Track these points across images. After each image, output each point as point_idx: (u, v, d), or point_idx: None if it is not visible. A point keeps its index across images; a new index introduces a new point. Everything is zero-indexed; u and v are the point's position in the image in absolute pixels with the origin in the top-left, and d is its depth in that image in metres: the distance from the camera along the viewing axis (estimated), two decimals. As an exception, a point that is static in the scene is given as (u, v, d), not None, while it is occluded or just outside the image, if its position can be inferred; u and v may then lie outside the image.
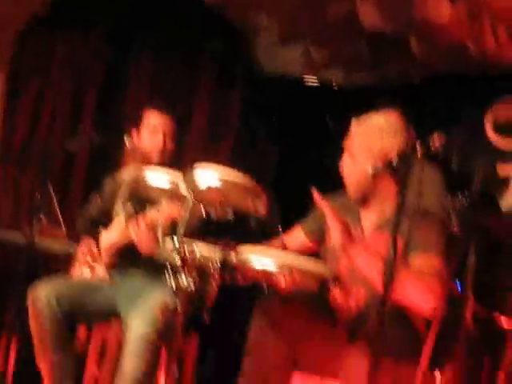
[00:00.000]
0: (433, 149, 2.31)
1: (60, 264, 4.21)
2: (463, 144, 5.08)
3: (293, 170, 5.33)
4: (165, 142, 3.73)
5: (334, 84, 5.40)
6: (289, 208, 3.75)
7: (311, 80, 5.53)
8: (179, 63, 5.56)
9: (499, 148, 5.08)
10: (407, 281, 2.68)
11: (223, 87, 5.65)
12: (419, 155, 2.34)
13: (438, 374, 2.75)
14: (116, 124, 4.53)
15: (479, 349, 4.16)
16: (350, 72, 5.40)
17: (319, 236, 3.16)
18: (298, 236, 3.26)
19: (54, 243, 4.27)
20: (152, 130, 3.73)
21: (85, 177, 5.17)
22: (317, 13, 4.92)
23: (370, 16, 4.56)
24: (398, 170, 2.41)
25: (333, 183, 3.09)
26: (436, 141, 2.31)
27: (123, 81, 5.40)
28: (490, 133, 5.12)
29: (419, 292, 2.67)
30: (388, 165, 2.49)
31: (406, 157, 2.38)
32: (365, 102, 4.30)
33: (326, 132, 5.20)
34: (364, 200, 3.02)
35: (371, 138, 2.92)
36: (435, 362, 2.78)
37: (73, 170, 5.20)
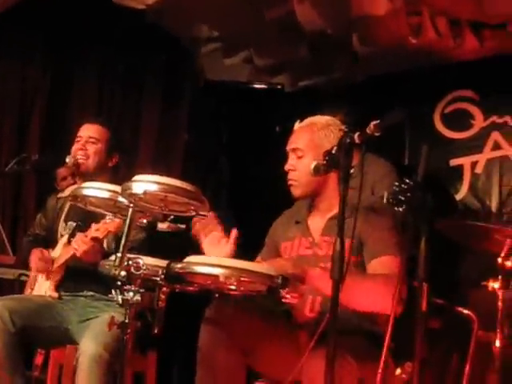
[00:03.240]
0: (369, 133, 2.30)
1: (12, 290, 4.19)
2: (414, 138, 5.08)
3: (245, 178, 5.28)
4: (100, 153, 3.66)
5: (280, 88, 5.36)
6: (242, 214, 3.69)
7: (257, 86, 5.49)
8: (124, 78, 5.52)
9: (450, 141, 5.08)
10: (362, 285, 2.71)
11: (169, 99, 5.62)
12: (358, 142, 2.34)
13: (400, 370, 2.68)
14: (63, 143, 4.45)
15: (446, 345, 4.14)
16: (296, 76, 5.37)
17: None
18: None
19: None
20: (85, 143, 3.66)
21: (35, 200, 5.08)
22: (257, 19, 4.89)
23: (308, 16, 4.54)
24: (339, 163, 2.36)
25: (285, 189, 3.06)
26: (372, 128, 2.32)
27: (68, 99, 5.34)
28: (440, 126, 5.12)
29: (376, 296, 2.69)
30: (330, 159, 2.44)
31: (345, 149, 2.34)
32: (312, 104, 4.31)
33: (275, 137, 5.17)
34: (311, 199, 3.03)
35: (313, 137, 2.95)
36: (398, 359, 2.75)
37: (22, 193, 5.12)
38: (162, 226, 3.06)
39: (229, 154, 5.43)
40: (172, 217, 2.90)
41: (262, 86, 5.48)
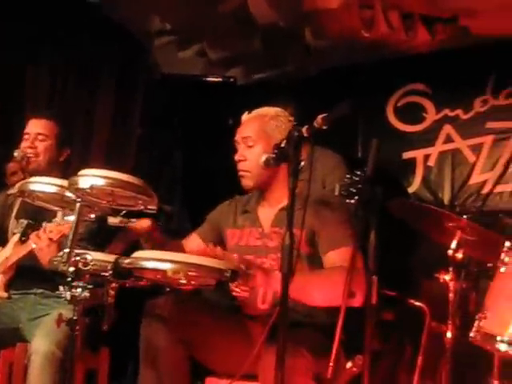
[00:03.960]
0: (317, 126, 2.31)
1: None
2: (366, 131, 5.10)
3: (198, 171, 5.26)
4: (50, 150, 3.59)
5: (233, 81, 5.33)
6: (195, 208, 3.66)
7: (211, 79, 5.46)
8: (78, 71, 5.44)
9: (403, 134, 5.11)
10: (316, 278, 2.73)
11: (124, 93, 5.54)
12: (307, 135, 2.33)
13: (351, 363, 2.68)
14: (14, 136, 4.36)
15: (399, 336, 4.17)
16: (249, 68, 5.36)
17: (216, 241, 3.07)
18: (196, 242, 3.19)
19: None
20: (33, 140, 3.58)
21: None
22: (209, 12, 4.86)
23: (260, 9, 4.53)
24: (288, 155, 2.35)
25: (238, 182, 3.05)
26: (319, 121, 2.32)
27: (19, 90, 5.23)
28: (393, 119, 5.14)
29: (330, 288, 2.66)
30: (280, 153, 2.43)
31: (294, 142, 2.34)
32: (264, 97, 4.29)
33: (229, 130, 5.14)
34: (261, 191, 3.03)
35: (264, 126, 2.95)
36: (350, 352, 2.76)
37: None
38: (114, 221, 3.03)
39: (182, 147, 5.40)
40: (124, 211, 2.87)
41: (216, 79, 5.45)
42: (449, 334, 3.12)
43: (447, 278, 3.16)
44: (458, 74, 4.84)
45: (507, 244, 2.60)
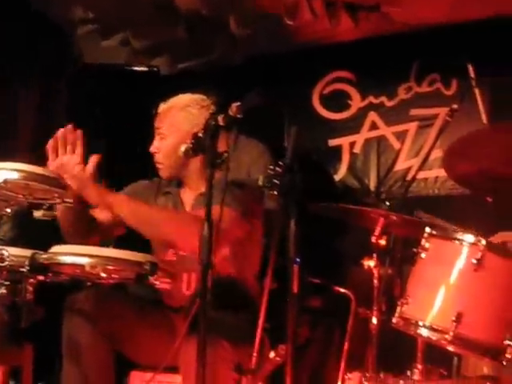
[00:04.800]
0: (232, 115, 2.31)
1: None
2: (292, 120, 5.09)
3: (121, 161, 5.17)
4: None
5: (156, 71, 5.26)
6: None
7: (134, 68, 5.38)
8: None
9: (328, 121, 5.12)
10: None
11: (48, 83, 5.43)
12: (223, 124, 2.31)
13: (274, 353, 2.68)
14: None
15: (328, 323, 4.19)
16: (174, 58, 5.29)
17: None
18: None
19: None
20: None
21: None
22: (132, 0, 4.78)
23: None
24: (204, 145, 2.33)
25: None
26: (234, 109, 2.33)
27: None
28: (319, 107, 5.15)
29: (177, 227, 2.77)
30: (197, 142, 2.41)
31: (211, 131, 2.32)
32: (189, 86, 4.24)
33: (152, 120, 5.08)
34: (180, 179, 3.06)
35: (172, 119, 2.99)
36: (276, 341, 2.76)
37: None
38: (37, 214, 2.97)
39: (105, 137, 5.30)
40: (48, 204, 2.80)
41: (139, 69, 5.36)
42: (374, 320, 3.13)
43: (371, 264, 3.18)
44: (382, 61, 4.86)
45: (427, 230, 2.61)
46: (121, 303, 2.82)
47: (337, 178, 4.98)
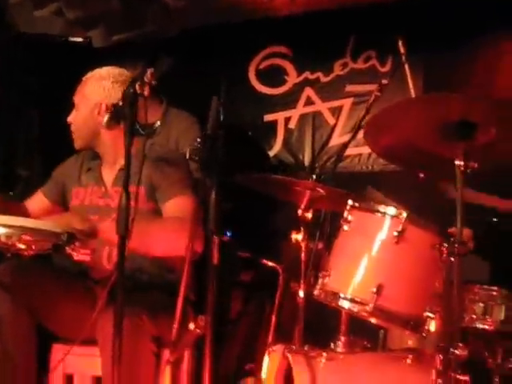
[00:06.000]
0: (147, 82, 2.29)
1: None
2: (228, 94, 5.04)
3: (56, 132, 5.09)
4: None
5: (89, 42, 5.18)
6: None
7: (67, 39, 5.28)
8: None
9: (264, 96, 5.11)
10: (154, 229, 2.76)
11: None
12: (140, 92, 2.29)
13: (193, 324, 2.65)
14: None
15: (260, 296, 4.20)
16: (109, 29, 5.20)
17: (60, 197, 3.16)
18: (40, 199, 3.20)
19: None
20: None
21: None
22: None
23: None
24: (123, 114, 2.29)
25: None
26: (149, 76, 2.32)
27: None
28: (255, 82, 5.13)
29: (169, 237, 2.73)
30: (115, 112, 2.38)
31: (130, 100, 2.29)
32: (122, 58, 4.19)
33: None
34: (96, 153, 3.07)
35: (84, 91, 3.02)
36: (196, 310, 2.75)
37: None
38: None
39: (39, 108, 5.22)
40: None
41: (72, 40, 5.27)
42: (301, 293, 3.13)
43: (299, 237, 3.17)
44: (318, 37, 4.85)
45: (350, 202, 2.61)
46: (42, 275, 2.78)
47: (272, 153, 4.98)
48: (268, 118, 5.05)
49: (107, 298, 2.48)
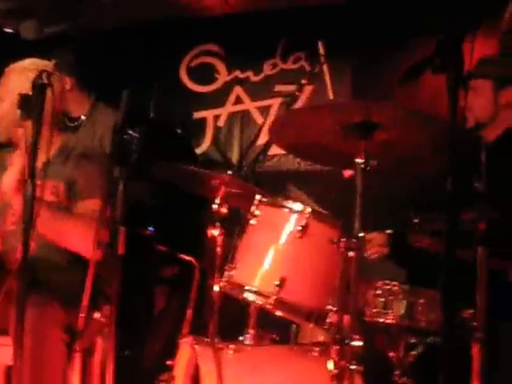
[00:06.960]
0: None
1: None
2: (159, 91, 5.08)
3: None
4: None
5: (18, 34, 5.15)
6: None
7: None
8: None
9: (194, 94, 5.15)
10: (67, 226, 2.79)
11: None
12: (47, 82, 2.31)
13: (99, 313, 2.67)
14: None
15: (183, 290, 4.23)
16: (41, 21, 5.17)
17: None
18: None
19: None
20: None
21: None
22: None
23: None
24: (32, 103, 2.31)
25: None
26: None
27: None
28: (186, 79, 5.16)
29: (79, 236, 2.76)
30: (22, 100, 2.40)
31: (38, 89, 2.32)
32: (51, 51, 4.17)
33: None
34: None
35: (7, 82, 3.00)
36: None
37: None
38: None
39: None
40: None
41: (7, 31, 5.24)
42: (216, 288, 3.17)
43: (215, 232, 3.22)
44: (249, 36, 4.93)
45: (257, 197, 2.67)
46: None
47: (200, 151, 5.02)
48: (197, 115, 5.10)
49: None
